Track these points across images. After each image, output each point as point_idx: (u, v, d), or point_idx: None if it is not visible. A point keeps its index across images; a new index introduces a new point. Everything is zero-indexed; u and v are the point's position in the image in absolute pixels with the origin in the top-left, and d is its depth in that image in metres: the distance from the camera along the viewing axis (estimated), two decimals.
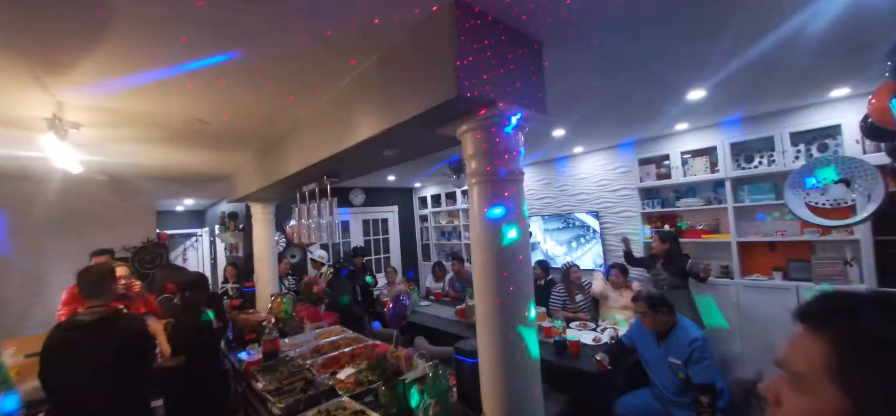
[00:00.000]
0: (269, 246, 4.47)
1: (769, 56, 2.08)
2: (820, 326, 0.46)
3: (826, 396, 0.43)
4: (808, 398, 0.44)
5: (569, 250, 5.04)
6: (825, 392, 0.43)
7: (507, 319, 1.48)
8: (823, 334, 0.45)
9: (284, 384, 2.20)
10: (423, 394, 1.62)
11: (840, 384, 0.42)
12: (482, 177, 1.51)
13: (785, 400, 0.47)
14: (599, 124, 3.54)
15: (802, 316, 0.49)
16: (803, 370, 0.45)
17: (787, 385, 0.47)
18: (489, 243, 1.49)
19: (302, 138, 2.46)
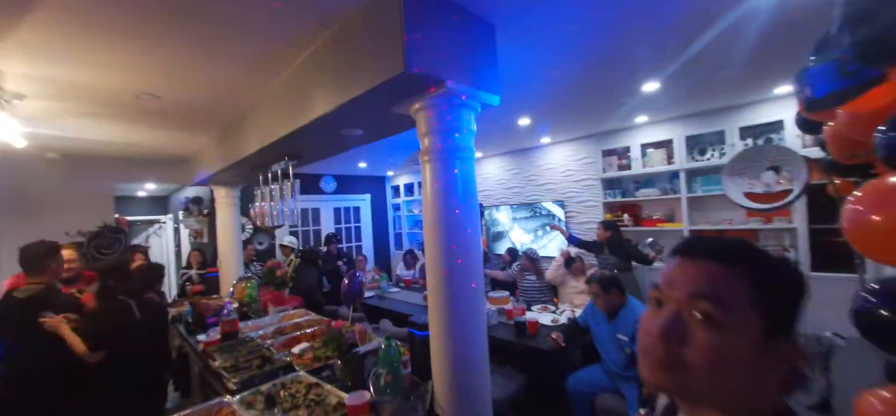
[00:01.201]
0: (233, 231, 4.38)
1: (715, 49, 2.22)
2: (737, 261, 0.51)
3: (748, 321, 0.48)
4: (728, 330, 0.48)
5: (535, 238, 5.18)
6: (748, 319, 0.48)
7: (456, 290, 1.54)
8: (742, 267, 0.50)
9: (241, 362, 2.20)
10: (375, 365, 1.66)
11: (759, 309, 0.48)
12: (434, 154, 1.55)
13: (698, 338, 0.49)
14: (564, 114, 3.65)
15: (712, 254, 0.52)
16: (731, 296, 0.49)
17: (702, 318, 0.49)
18: (439, 217, 1.54)
19: (260, 117, 2.43)
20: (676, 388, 0.52)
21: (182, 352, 3.12)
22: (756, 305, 0.48)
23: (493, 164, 5.81)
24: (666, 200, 4.12)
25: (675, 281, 0.53)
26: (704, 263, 0.52)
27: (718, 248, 0.53)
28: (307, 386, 1.82)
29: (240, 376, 2.01)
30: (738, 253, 0.52)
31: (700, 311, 0.49)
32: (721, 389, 0.49)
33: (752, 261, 0.51)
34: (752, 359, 0.48)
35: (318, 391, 1.76)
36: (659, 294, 0.55)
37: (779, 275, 0.51)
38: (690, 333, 0.49)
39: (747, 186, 2.04)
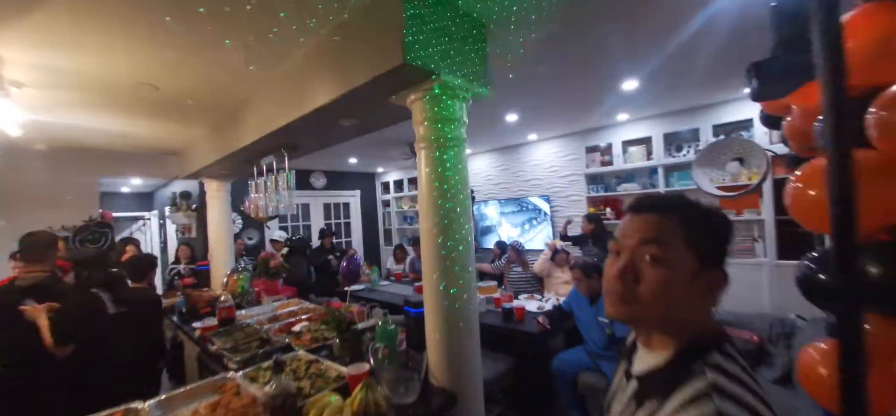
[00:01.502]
0: (224, 224, 4.41)
1: (687, 49, 2.40)
2: (672, 212, 0.63)
3: (685, 258, 0.61)
4: (670, 266, 0.60)
5: (523, 231, 5.34)
6: (684, 256, 0.61)
7: (449, 268, 1.66)
8: (677, 216, 0.63)
9: (240, 344, 2.28)
10: (373, 339, 1.77)
11: (693, 247, 0.61)
12: (428, 143, 1.67)
13: (646, 275, 0.61)
14: (549, 110, 3.81)
15: (654, 208, 0.65)
16: (672, 239, 0.61)
17: (651, 260, 0.61)
18: (433, 200, 1.66)
19: (259, 108, 2.50)
20: (633, 317, 0.65)
21: (176, 341, 3.17)
22: (689, 244, 0.61)
23: (482, 160, 5.95)
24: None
25: (627, 232, 0.66)
26: (648, 215, 0.65)
27: (658, 202, 0.67)
28: (307, 363, 1.92)
29: (240, 355, 2.09)
30: (672, 205, 0.65)
31: (648, 254, 0.62)
32: (666, 313, 0.62)
33: (683, 210, 0.64)
34: (689, 287, 0.61)
35: (318, 366, 1.86)
36: (617, 245, 0.67)
37: (706, 219, 0.64)
38: (642, 271, 0.62)
39: (716, 176, 2.22)
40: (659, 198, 0.68)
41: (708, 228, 0.64)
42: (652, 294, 0.61)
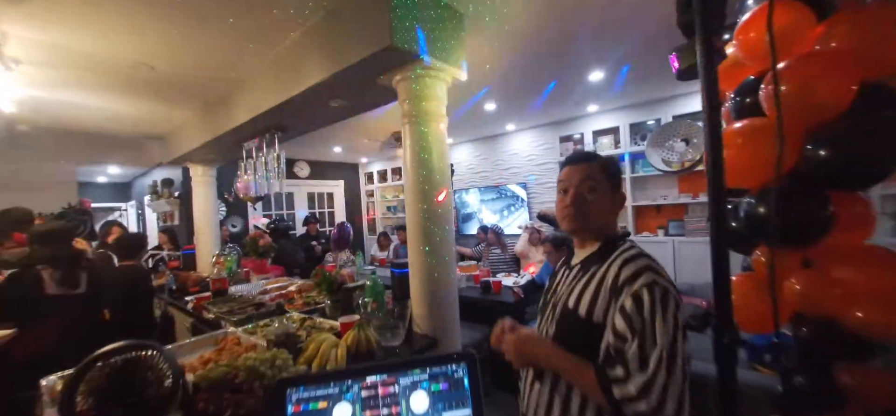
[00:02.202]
0: (210, 208, 4.50)
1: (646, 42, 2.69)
2: (594, 160, 1.03)
3: (606, 186, 1.00)
4: (599, 191, 0.99)
5: (501, 217, 5.61)
6: (606, 185, 1.00)
7: (430, 230, 1.88)
8: (595, 162, 1.02)
9: (236, 309, 2.44)
10: (363, 296, 1.98)
11: (608, 180, 1.01)
12: (412, 118, 1.89)
13: (590, 197, 0.99)
14: (524, 101, 4.07)
15: (583, 159, 1.03)
16: (598, 176, 0.99)
17: (588, 190, 0.99)
18: (416, 169, 1.88)
19: (251, 89, 2.65)
20: (580, 227, 1.02)
21: (166, 315, 3.27)
22: (606, 178, 1.01)
23: (463, 150, 6.19)
24: None
25: (570, 176, 1.02)
26: (582, 164, 1.02)
27: (584, 155, 1.05)
28: (300, 320, 2.11)
29: (237, 316, 2.26)
30: (592, 156, 1.04)
31: (586, 187, 0.99)
32: (597, 221, 1.00)
33: (598, 158, 1.04)
34: (610, 204, 1.02)
35: (312, 321, 2.06)
36: (563, 186, 1.04)
37: (610, 162, 1.05)
38: (585, 198, 0.99)
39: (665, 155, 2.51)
40: (584, 153, 1.07)
41: (612, 167, 1.04)
42: (593, 211, 0.99)
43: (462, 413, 0.65)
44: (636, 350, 0.82)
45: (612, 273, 0.90)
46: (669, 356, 0.82)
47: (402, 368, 0.66)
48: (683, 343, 0.85)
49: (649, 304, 0.84)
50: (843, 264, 1.27)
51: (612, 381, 0.82)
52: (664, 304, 0.84)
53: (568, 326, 0.95)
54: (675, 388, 0.80)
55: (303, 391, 0.64)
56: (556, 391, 0.95)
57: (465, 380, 0.67)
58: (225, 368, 1.33)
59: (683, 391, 0.82)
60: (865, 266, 1.23)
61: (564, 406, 0.93)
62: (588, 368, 0.87)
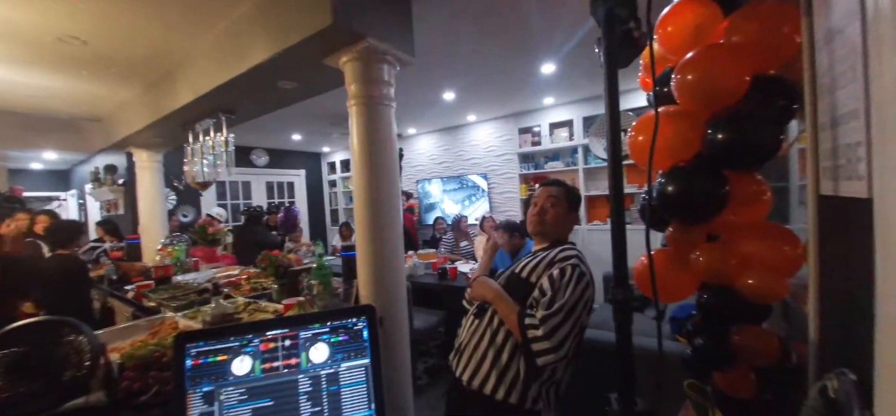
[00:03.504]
0: (156, 196, 4.28)
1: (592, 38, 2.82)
2: (560, 185, 1.42)
3: (564, 204, 1.39)
4: (558, 208, 1.37)
5: (463, 207, 5.70)
6: (564, 203, 1.39)
7: (377, 209, 1.90)
8: (561, 187, 1.41)
9: (178, 295, 2.36)
10: (309, 279, 1.98)
11: (566, 201, 1.39)
12: (359, 99, 1.89)
13: (550, 211, 1.37)
14: (483, 90, 4.14)
15: (552, 184, 1.44)
16: (560, 197, 1.38)
17: (550, 205, 1.37)
18: (364, 151, 1.89)
19: (195, 68, 2.55)
20: (541, 231, 1.37)
21: (106, 308, 3.11)
22: (565, 198, 1.39)
23: (425, 141, 6.21)
24: (568, 172, 4.85)
25: (541, 194, 1.41)
26: (550, 186, 1.41)
27: (554, 181, 1.45)
28: (245, 304, 2.08)
29: (178, 302, 2.19)
30: (560, 183, 1.43)
31: (549, 202, 1.37)
32: (552, 229, 1.37)
33: (563, 185, 1.42)
34: (563, 218, 1.38)
35: (256, 306, 2.03)
36: (534, 200, 1.42)
37: (573, 190, 1.43)
38: (547, 210, 1.37)
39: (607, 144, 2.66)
40: (554, 180, 1.46)
41: (571, 195, 1.42)
42: (549, 220, 1.36)
43: (361, 362, 0.69)
44: (548, 301, 1.16)
45: (551, 255, 1.26)
46: (569, 310, 1.14)
47: (303, 322, 0.70)
48: (584, 312, 1.19)
49: (569, 275, 1.18)
50: (740, 237, 1.41)
51: (527, 319, 1.15)
52: (578, 280, 1.18)
53: (512, 282, 1.29)
54: (565, 332, 1.13)
55: (203, 345, 0.65)
56: (489, 326, 1.27)
57: (364, 332, 0.71)
58: (153, 346, 1.30)
59: (571, 338, 1.14)
60: (757, 239, 1.38)
61: (492, 338, 1.25)
62: (515, 309, 1.20)
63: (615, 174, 1.06)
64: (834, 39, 0.89)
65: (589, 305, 1.20)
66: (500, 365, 1.22)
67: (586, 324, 1.21)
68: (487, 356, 1.25)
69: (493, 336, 1.25)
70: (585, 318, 1.19)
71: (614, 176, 1.06)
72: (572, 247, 1.30)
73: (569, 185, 1.44)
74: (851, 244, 0.92)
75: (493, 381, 1.23)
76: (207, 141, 3.00)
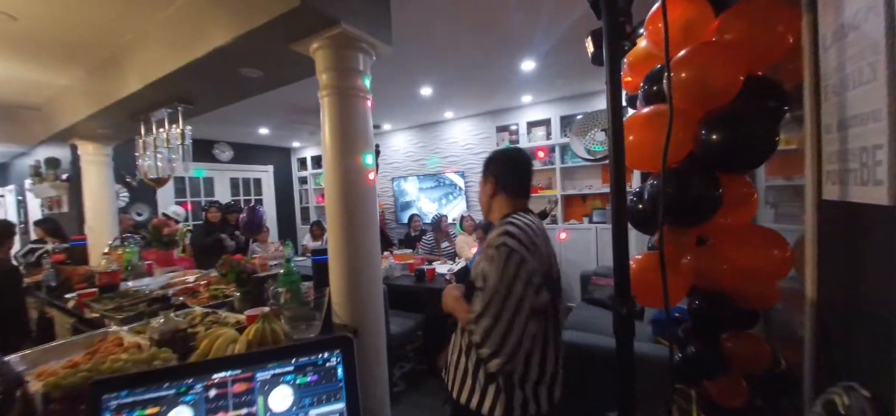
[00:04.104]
0: (105, 192, 3.91)
1: (571, 36, 2.77)
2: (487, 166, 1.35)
3: (491, 179, 1.30)
4: (486, 185, 1.33)
5: (440, 206, 5.59)
6: (490, 178, 1.31)
7: (351, 213, 1.76)
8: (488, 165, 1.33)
9: (126, 305, 2.12)
10: (276, 286, 1.80)
11: (492, 173, 1.31)
12: (332, 90, 1.74)
13: (480, 193, 1.36)
14: (461, 85, 4.03)
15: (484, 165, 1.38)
16: (483, 174, 1.35)
17: (480, 187, 1.37)
18: (337, 148, 1.74)
19: (145, 52, 2.29)
20: (486, 211, 1.37)
21: (44, 317, 2.78)
22: (490, 175, 1.33)
23: (401, 137, 6.05)
24: (545, 171, 4.84)
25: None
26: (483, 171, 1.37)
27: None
28: (202, 315, 1.88)
29: (124, 314, 1.96)
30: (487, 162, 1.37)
31: (481, 184, 1.39)
32: (487, 212, 1.37)
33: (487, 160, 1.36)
34: (492, 198, 1.33)
35: (215, 316, 1.84)
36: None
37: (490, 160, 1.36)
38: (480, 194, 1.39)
39: (588, 143, 2.63)
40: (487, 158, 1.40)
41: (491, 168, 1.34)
42: (483, 204, 1.39)
43: (335, 408, 0.56)
44: (480, 293, 1.10)
45: (486, 242, 1.19)
46: (501, 303, 1.06)
47: (261, 360, 0.56)
48: (526, 292, 1.07)
49: (495, 261, 1.08)
50: (730, 241, 1.38)
51: (471, 325, 1.11)
52: (506, 261, 1.07)
53: (466, 283, 1.24)
54: (501, 330, 1.06)
55: (126, 395, 0.51)
56: (462, 337, 1.23)
57: (338, 369, 0.58)
58: (86, 373, 1.11)
59: (512, 334, 1.06)
60: (748, 244, 1.35)
61: (466, 349, 1.21)
62: (466, 315, 1.14)
63: (617, 172, 0.98)
64: (846, 36, 0.84)
65: (530, 280, 1.08)
66: (479, 377, 1.17)
67: (538, 304, 1.10)
68: (467, 370, 1.20)
69: (467, 348, 1.20)
70: (531, 297, 1.07)
71: (616, 173, 0.98)
72: (505, 223, 1.16)
73: (496, 155, 1.36)
74: (859, 252, 0.88)
75: (477, 395, 1.18)
76: (162, 133, 2.73)
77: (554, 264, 1.23)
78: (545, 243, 1.19)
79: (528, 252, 1.09)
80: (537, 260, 1.11)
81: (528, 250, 1.10)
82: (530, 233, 1.14)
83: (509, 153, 1.34)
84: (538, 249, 1.13)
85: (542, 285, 1.11)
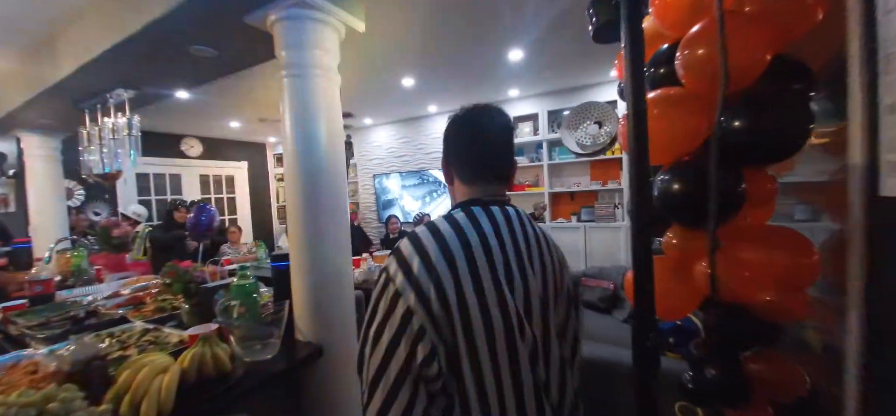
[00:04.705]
0: (52, 190, 3.54)
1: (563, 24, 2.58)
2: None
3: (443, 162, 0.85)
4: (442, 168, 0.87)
5: (423, 204, 5.36)
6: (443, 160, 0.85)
7: (316, 213, 1.52)
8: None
9: (53, 321, 1.82)
10: (229, 298, 1.55)
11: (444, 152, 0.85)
12: (293, 69, 1.49)
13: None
14: (444, 78, 3.82)
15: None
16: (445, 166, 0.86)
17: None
18: (299, 136, 1.50)
19: (81, 29, 1.99)
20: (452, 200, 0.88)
21: None
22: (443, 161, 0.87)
23: (383, 132, 5.79)
24: (532, 168, 4.67)
25: None
26: None
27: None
28: (142, 331, 1.61)
29: (48, 332, 1.67)
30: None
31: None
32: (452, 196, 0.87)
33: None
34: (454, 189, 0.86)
35: (156, 334, 1.57)
36: None
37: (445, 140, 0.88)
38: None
39: (579, 137, 2.46)
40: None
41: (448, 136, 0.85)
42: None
43: None
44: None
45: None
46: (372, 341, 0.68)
47: None
48: (392, 346, 0.65)
49: (376, 287, 0.71)
50: (750, 244, 1.20)
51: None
52: (382, 290, 0.69)
53: None
54: (373, 368, 0.66)
55: None
56: None
57: None
58: None
59: (380, 373, 0.65)
60: (772, 247, 1.18)
61: None
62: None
63: (639, 163, 0.78)
64: None
65: (404, 329, 0.64)
66: None
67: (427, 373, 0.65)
68: None
69: None
70: (407, 358, 0.64)
71: (638, 164, 0.78)
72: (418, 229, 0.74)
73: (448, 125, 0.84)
74: None
75: None
76: (107, 124, 2.42)
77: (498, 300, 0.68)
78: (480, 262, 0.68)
79: (411, 281, 0.65)
80: (435, 294, 0.64)
81: (415, 277, 0.65)
82: (441, 243, 0.68)
83: (457, 119, 0.83)
84: (442, 274, 0.65)
85: (432, 345, 0.64)
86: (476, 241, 0.70)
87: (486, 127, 0.82)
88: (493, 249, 0.70)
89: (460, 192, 0.83)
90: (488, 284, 0.67)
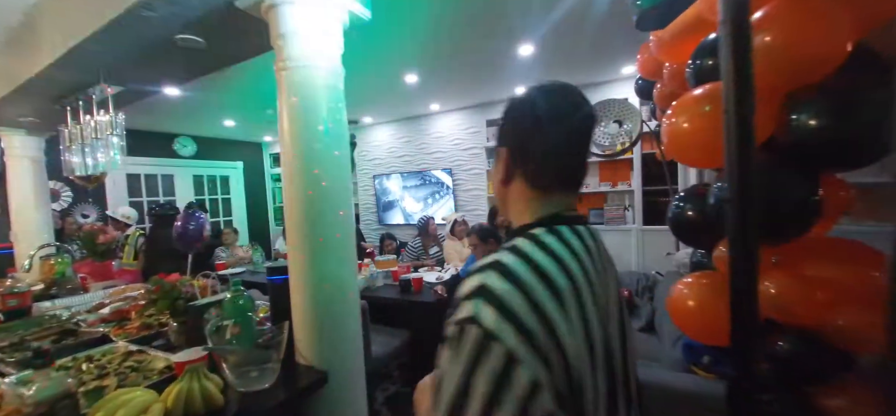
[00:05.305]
0: (34, 191, 3.33)
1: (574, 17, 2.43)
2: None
3: (503, 153, 0.66)
4: (497, 159, 0.68)
5: (425, 206, 5.20)
6: (502, 151, 0.66)
7: (319, 219, 1.36)
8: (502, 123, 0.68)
9: (28, 340, 1.65)
10: (221, 317, 1.38)
11: (505, 140, 0.66)
12: (291, 61, 1.33)
13: (495, 178, 0.69)
14: (450, 73, 3.65)
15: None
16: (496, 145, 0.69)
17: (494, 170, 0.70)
18: (298, 136, 1.33)
19: (60, 16, 1.81)
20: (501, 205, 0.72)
21: None
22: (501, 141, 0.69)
23: (383, 131, 5.62)
24: None
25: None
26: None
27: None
28: (125, 354, 1.44)
29: (19, 354, 1.50)
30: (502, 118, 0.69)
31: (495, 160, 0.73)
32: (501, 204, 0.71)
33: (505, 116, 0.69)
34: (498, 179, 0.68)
35: (140, 358, 1.41)
36: None
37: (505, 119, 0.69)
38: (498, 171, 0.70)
39: (598, 136, 2.32)
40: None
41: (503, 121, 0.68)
42: (498, 195, 0.71)
43: None
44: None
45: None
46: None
47: None
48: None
49: (452, 347, 0.48)
50: (818, 261, 1.05)
51: None
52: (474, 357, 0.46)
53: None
54: None
55: None
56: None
57: None
58: None
59: None
60: (843, 263, 1.03)
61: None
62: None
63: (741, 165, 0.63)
64: None
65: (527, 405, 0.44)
66: None
67: None
68: None
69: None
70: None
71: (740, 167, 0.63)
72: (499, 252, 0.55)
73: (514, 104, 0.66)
74: None
75: None
76: (90, 122, 2.24)
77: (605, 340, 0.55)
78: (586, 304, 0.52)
79: (525, 338, 0.46)
80: (552, 353, 0.47)
81: (528, 331, 0.46)
82: (544, 284, 0.49)
83: (551, 104, 0.62)
84: (558, 324, 0.48)
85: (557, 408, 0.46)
86: (578, 272, 0.53)
87: (585, 119, 0.64)
88: (594, 285, 0.55)
89: (525, 197, 0.62)
90: (598, 339, 0.52)
